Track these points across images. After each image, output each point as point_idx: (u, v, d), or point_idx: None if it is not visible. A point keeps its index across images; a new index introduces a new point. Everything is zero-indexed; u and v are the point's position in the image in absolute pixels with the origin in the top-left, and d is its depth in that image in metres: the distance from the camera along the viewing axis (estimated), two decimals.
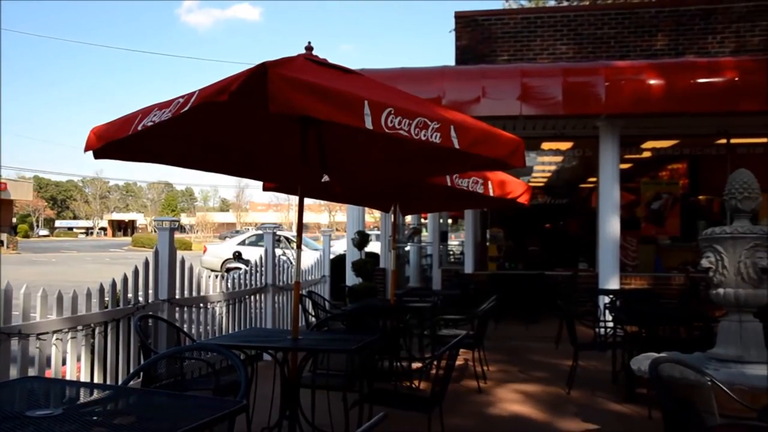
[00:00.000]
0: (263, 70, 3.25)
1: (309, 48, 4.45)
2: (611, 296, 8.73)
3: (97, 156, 4.39)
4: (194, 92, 3.56)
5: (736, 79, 9.67)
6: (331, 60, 4.38)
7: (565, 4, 26.86)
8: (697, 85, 9.75)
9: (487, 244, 13.20)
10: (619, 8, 14.33)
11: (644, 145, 13.10)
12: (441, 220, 16.05)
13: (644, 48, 12.35)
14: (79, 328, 5.14)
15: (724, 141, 12.43)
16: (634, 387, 6.47)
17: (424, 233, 19.50)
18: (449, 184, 7.00)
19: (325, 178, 6.07)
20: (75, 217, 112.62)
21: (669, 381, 3.89)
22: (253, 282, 8.19)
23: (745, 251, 4.71)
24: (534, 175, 15.83)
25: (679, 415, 3.12)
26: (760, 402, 3.91)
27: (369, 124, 3.51)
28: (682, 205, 13.32)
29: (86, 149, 4.29)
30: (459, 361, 8.08)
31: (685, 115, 10.17)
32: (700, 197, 13.77)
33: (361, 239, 11.19)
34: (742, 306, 4.82)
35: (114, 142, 4.14)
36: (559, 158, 14.27)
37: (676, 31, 12.32)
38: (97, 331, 5.36)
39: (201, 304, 7.06)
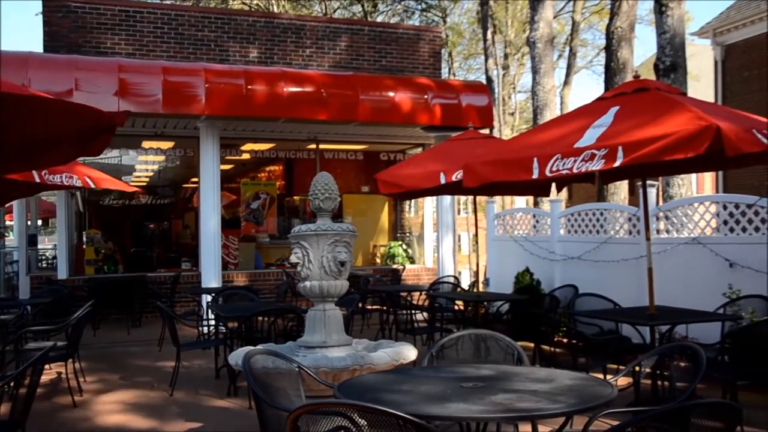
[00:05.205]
0: None
1: None
2: (213, 294, 8.91)
3: None
4: None
5: (322, 91, 10.71)
6: None
7: (168, 2, 26.61)
8: (288, 94, 10.54)
9: (84, 246, 12.35)
10: (219, 13, 14.75)
11: (244, 147, 13.68)
12: (29, 222, 14.51)
13: (243, 54, 12.87)
14: None
15: (314, 146, 13.66)
16: (236, 381, 6.72)
17: (10, 236, 17.44)
18: (38, 180, 6.45)
19: None
20: None
21: (263, 371, 4.15)
22: None
23: (327, 246, 5.25)
24: (136, 174, 15.36)
25: (269, 402, 3.34)
26: (341, 379, 4.41)
27: None
28: (278, 204, 14.28)
29: None
30: (50, 376, 7.43)
31: (278, 120, 10.92)
32: (295, 197, 14.94)
33: None
34: (325, 296, 5.37)
35: None
36: (161, 158, 14.08)
37: (271, 41, 13.10)
38: None
39: None
